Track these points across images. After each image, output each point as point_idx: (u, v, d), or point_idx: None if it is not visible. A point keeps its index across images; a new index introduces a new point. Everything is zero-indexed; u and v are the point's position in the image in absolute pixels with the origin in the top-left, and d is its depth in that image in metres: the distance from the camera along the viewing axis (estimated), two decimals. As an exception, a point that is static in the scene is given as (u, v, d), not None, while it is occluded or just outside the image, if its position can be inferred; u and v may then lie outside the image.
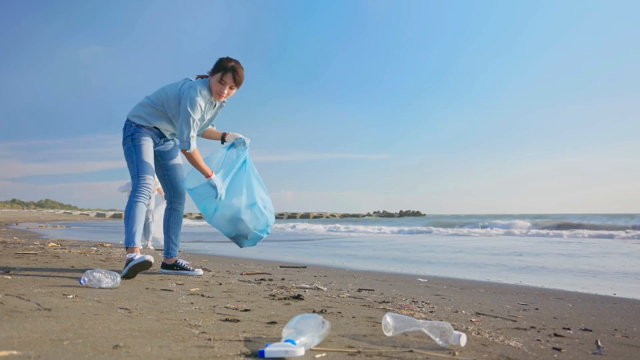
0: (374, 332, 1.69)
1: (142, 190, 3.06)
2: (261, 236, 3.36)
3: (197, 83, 3.10)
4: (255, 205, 3.30)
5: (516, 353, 1.52)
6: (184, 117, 3.05)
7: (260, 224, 3.35)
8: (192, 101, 3.03)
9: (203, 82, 3.12)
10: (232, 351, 1.33)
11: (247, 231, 3.29)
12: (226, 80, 3.06)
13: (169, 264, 3.35)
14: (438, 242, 11.72)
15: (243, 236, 3.32)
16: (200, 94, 3.06)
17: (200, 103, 3.06)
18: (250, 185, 3.34)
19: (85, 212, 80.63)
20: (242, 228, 3.28)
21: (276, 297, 2.46)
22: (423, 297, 2.84)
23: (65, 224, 25.84)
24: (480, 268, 5.60)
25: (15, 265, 3.38)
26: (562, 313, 2.51)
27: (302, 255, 7.05)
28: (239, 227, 3.28)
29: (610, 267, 5.83)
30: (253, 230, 3.30)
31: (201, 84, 3.10)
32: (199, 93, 3.05)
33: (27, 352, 1.19)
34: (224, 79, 3.06)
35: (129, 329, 1.52)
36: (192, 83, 3.11)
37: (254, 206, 3.29)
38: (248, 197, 3.30)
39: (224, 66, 3.06)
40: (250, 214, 3.28)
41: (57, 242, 7.14)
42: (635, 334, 2.03)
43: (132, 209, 3.02)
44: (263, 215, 3.33)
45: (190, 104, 3.03)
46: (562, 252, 8.16)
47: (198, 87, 3.06)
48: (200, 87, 3.08)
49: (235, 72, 3.07)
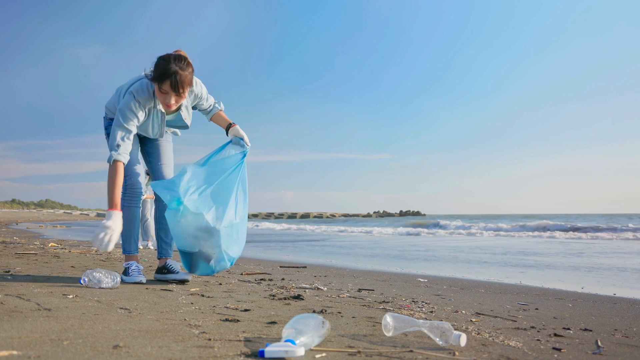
0: (374, 332, 1.69)
1: (132, 193, 2.83)
2: (225, 263, 2.74)
3: (137, 86, 2.66)
4: (234, 225, 2.72)
5: (516, 353, 1.52)
6: (114, 123, 2.64)
7: (232, 249, 2.74)
8: (122, 111, 2.62)
9: (142, 85, 2.66)
10: (232, 351, 1.33)
11: (214, 251, 2.67)
12: (167, 90, 2.57)
13: (159, 266, 2.97)
14: (419, 242, 11.73)
15: (203, 257, 2.69)
16: (134, 100, 2.63)
17: (134, 113, 2.63)
18: (239, 199, 2.80)
19: (85, 212, 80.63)
20: (209, 246, 2.66)
21: (276, 297, 2.46)
22: (423, 297, 2.84)
23: (65, 224, 25.84)
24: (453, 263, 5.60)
25: (15, 265, 3.38)
26: (562, 313, 2.51)
27: (289, 255, 7.05)
28: (206, 244, 2.66)
29: (603, 266, 5.83)
30: (222, 251, 2.68)
31: (140, 87, 2.65)
32: (131, 101, 2.62)
33: (27, 352, 1.19)
34: (164, 88, 2.56)
35: (129, 329, 1.52)
36: (132, 85, 2.69)
37: (233, 226, 2.71)
38: (233, 210, 2.74)
39: (161, 74, 2.54)
40: (228, 231, 2.68)
41: (57, 242, 7.14)
42: (635, 334, 2.03)
43: (124, 215, 2.73)
44: (238, 240, 2.77)
45: (121, 113, 2.62)
46: (525, 250, 8.16)
47: (134, 93, 2.63)
48: (137, 92, 2.64)
49: (176, 79, 2.54)
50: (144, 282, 2.76)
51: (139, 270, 2.81)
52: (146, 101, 2.67)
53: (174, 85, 2.54)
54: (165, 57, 2.57)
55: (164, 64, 2.54)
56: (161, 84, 2.55)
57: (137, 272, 2.79)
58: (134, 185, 2.84)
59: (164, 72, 2.53)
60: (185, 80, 2.58)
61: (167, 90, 2.56)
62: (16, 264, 3.48)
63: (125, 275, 2.79)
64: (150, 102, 2.69)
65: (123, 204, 2.82)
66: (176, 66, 2.54)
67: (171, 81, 2.53)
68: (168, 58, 2.56)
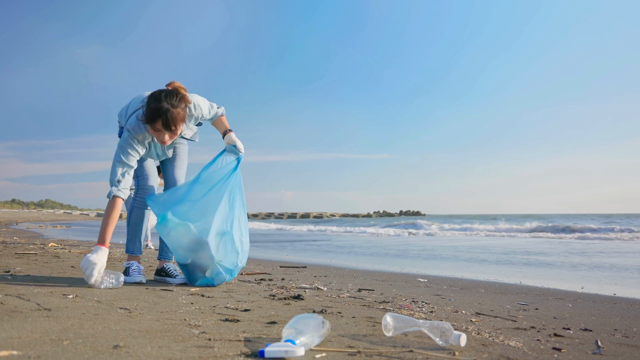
0: (374, 332, 1.69)
1: (144, 194, 2.86)
2: (223, 276, 2.68)
3: (133, 123, 2.62)
4: (227, 235, 2.67)
5: (516, 353, 1.52)
6: (115, 158, 2.62)
7: (228, 260, 2.68)
8: (122, 148, 2.61)
9: (136, 127, 2.64)
10: (232, 351, 1.33)
11: (208, 262, 2.63)
12: (160, 128, 2.54)
13: (158, 268, 2.97)
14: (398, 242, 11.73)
15: (199, 268, 2.66)
16: (131, 138, 2.62)
17: (134, 148, 2.63)
18: (230, 207, 2.74)
19: (85, 212, 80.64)
20: (202, 257, 2.62)
21: (276, 297, 2.46)
22: (423, 297, 2.84)
23: (65, 224, 25.84)
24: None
25: (15, 265, 3.38)
26: (562, 313, 2.51)
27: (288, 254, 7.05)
28: (199, 255, 2.62)
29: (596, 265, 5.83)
30: (216, 264, 2.64)
31: (136, 125, 2.62)
32: (129, 138, 2.62)
33: (27, 352, 1.19)
34: (156, 126, 2.53)
35: (129, 329, 1.52)
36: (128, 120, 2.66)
37: (225, 235, 2.66)
38: (223, 220, 2.69)
39: (152, 114, 2.50)
40: (220, 242, 2.65)
41: (57, 242, 7.14)
42: (635, 334, 2.03)
43: (133, 215, 2.90)
44: (234, 250, 2.70)
45: (121, 149, 2.61)
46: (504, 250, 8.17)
47: (130, 131, 2.62)
48: (134, 130, 2.62)
49: (167, 117, 2.50)
50: (144, 282, 2.76)
51: (140, 271, 2.81)
52: (144, 138, 2.67)
53: (165, 124, 2.51)
54: (156, 96, 2.53)
55: (155, 103, 2.51)
56: (153, 124, 2.53)
57: (137, 272, 2.79)
58: (145, 186, 2.86)
59: (156, 112, 2.50)
60: (178, 117, 2.54)
61: (160, 129, 2.54)
62: (16, 264, 3.48)
63: (125, 274, 2.79)
64: (148, 138, 2.68)
65: (133, 204, 2.90)
66: (167, 104, 2.51)
67: (163, 120, 2.50)
68: (159, 96, 2.52)
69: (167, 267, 2.91)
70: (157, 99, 2.52)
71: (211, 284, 2.70)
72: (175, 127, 2.55)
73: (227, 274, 2.70)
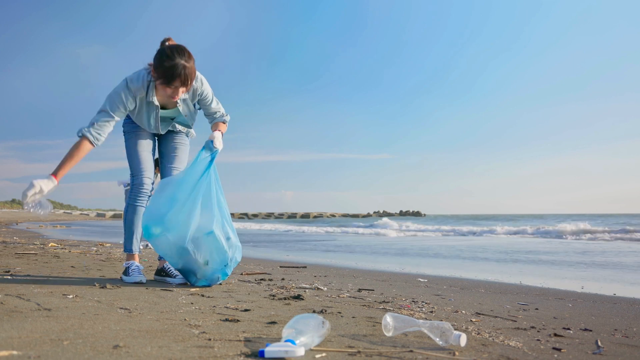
0: (374, 332, 1.69)
1: (138, 192, 2.82)
2: (216, 277, 2.66)
3: (133, 74, 2.65)
4: (210, 234, 2.58)
5: (516, 353, 1.52)
6: (100, 107, 2.62)
7: (216, 260, 2.62)
8: (110, 98, 2.61)
9: (138, 75, 2.65)
10: (232, 351, 1.33)
11: (194, 266, 2.62)
12: (177, 85, 2.55)
13: (158, 268, 2.95)
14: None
15: (191, 272, 2.65)
16: (125, 88, 2.62)
17: (122, 100, 2.61)
18: (209, 205, 2.63)
19: (85, 212, 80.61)
20: (189, 262, 2.61)
21: (276, 297, 2.46)
22: (423, 297, 2.84)
23: (65, 224, 25.83)
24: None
25: (15, 265, 3.38)
26: (562, 313, 2.51)
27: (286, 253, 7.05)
28: (185, 260, 2.62)
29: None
30: (203, 268, 2.61)
31: (135, 76, 2.64)
32: (122, 89, 2.62)
33: (27, 352, 1.19)
34: (174, 84, 2.54)
35: (129, 329, 1.52)
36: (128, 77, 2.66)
37: (209, 235, 2.58)
38: (205, 220, 2.60)
39: (169, 72, 2.50)
40: (202, 243, 2.58)
41: (57, 242, 7.14)
42: (635, 334, 2.03)
43: (128, 213, 2.85)
44: (220, 249, 2.60)
45: (109, 99, 2.61)
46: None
47: (127, 80, 2.63)
48: (131, 80, 2.63)
49: (185, 74, 2.52)
50: (144, 282, 2.75)
51: (139, 270, 2.81)
52: (137, 90, 2.64)
53: (184, 81, 2.53)
54: (167, 54, 2.51)
55: (169, 61, 2.50)
56: (171, 83, 2.52)
57: (137, 272, 2.79)
58: (141, 184, 2.83)
59: (174, 69, 2.49)
60: (192, 72, 2.57)
61: (177, 85, 2.54)
62: (16, 264, 3.48)
63: (125, 275, 2.79)
64: (141, 92, 2.65)
65: (128, 202, 2.87)
66: (182, 60, 2.51)
67: (181, 78, 2.52)
68: (171, 54, 2.51)
69: (167, 267, 2.90)
70: (169, 57, 2.51)
71: (207, 285, 2.69)
72: (191, 82, 2.58)
73: (219, 274, 2.66)
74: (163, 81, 2.53)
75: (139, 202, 2.84)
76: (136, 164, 2.83)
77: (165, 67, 2.50)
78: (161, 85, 2.56)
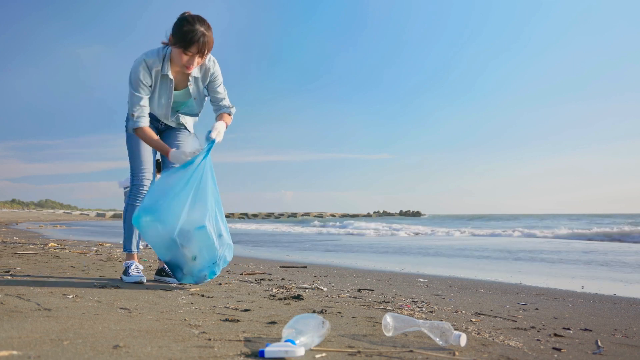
0: (374, 332, 1.69)
1: (138, 192, 2.79)
2: (203, 274, 2.54)
3: (149, 50, 2.65)
4: (201, 229, 2.43)
5: (516, 353, 1.52)
6: (129, 93, 2.66)
7: (205, 257, 2.49)
8: (131, 80, 2.63)
9: (154, 50, 2.65)
10: (232, 351, 1.33)
11: (183, 261, 2.50)
12: (194, 52, 2.51)
13: (159, 268, 2.93)
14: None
15: (178, 266, 2.54)
16: (142, 64, 2.61)
17: (139, 77, 2.61)
18: (202, 198, 2.50)
19: (85, 212, 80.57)
20: (177, 256, 2.49)
21: (276, 297, 2.46)
22: (423, 297, 2.84)
23: (65, 224, 25.83)
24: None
25: (15, 265, 3.38)
26: (562, 313, 2.51)
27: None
28: (173, 254, 2.49)
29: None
30: (190, 264, 2.49)
31: (151, 50, 2.65)
32: (139, 64, 2.61)
33: (27, 352, 1.19)
34: (191, 50, 2.50)
35: (129, 329, 1.52)
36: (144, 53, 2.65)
37: (200, 230, 2.43)
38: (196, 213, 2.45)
39: (188, 37, 2.47)
40: (192, 237, 2.44)
41: (57, 242, 7.14)
42: (635, 334, 2.03)
43: (128, 213, 2.79)
44: (211, 245, 2.47)
45: (130, 78, 2.64)
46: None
47: (144, 55, 2.63)
48: (147, 54, 2.63)
49: (204, 41, 2.49)
50: (144, 281, 2.75)
51: (139, 270, 2.81)
52: (154, 63, 2.63)
53: (201, 48, 2.50)
54: (188, 19, 2.49)
55: (188, 25, 2.47)
56: (188, 48, 2.49)
57: (137, 272, 2.78)
58: (141, 184, 2.81)
59: (192, 34, 2.46)
60: (211, 42, 2.55)
61: (194, 52, 2.51)
62: (16, 264, 3.48)
63: (125, 275, 2.79)
64: (157, 65, 2.63)
65: (127, 201, 2.84)
66: (202, 27, 2.49)
67: (199, 45, 2.49)
68: (192, 20, 2.49)
69: (168, 268, 2.87)
70: (189, 22, 2.48)
71: (194, 282, 2.60)
72: (208, 51, 2.56)
73: (206, 272, 2.54)
74: (180, 45, 2.49)
75: (139, 202, 2.79)
76: (137, 163, 2.80)
77: (184, 32, 2.47)
78: (177, 51, 2.52)
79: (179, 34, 2.48)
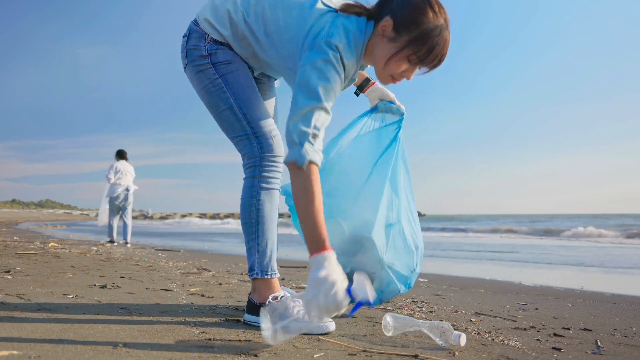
0: (374, 332, 1.69)
1: (273, 163, 1.68)
2: (397, 287, 1.86)
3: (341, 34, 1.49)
4: (394, 227, 1.88)
5: (516, 353, 1.52)
6: (301, 93, 1.49)
7: (401, 263, 1.87)
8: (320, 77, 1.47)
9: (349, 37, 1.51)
10: (232, 351, 1.33)
11: (374, 269, 1.81)
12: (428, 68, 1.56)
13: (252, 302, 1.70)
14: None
15: None
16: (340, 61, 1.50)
17: (337, 82, 1.51)
18: (394, 189, 1.92)
19: (85, 212, 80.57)
20: (364, 262, 1.80)
21: (276, 297, 2.46)
22: (423, 297, 2.84)
23: (66, 224, 25.82)
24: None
25: (15, 265, 3.38)
26: (562, 313, 2.51)
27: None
28: (359, 259, 1.81)
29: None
30: (386, 269, 1.82)
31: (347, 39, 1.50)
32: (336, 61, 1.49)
33: (27, 352, 1.19)
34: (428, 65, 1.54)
35: (129, 329, 1.52)
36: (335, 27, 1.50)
37: (392, 228, 1.87)
38: (388, 208, 1.88)
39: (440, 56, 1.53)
40: (389, 237, 1.85)
41: (57, 242, 7.14)
42: (635, 334, 2.03)
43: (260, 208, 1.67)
44: (407, 249, 1.89)
45: (321, 85, 1.47)
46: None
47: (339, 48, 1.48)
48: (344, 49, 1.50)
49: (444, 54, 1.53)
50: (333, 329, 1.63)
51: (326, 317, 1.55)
52: (351, 66, 1.56)
53: (437, 65, 1.56)
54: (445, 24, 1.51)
55: (440, 35, 1.49)
56: (434, 67, 1.55)
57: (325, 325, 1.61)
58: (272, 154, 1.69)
59: (444, 50, 1.53)
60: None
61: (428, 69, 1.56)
62: (16, 264, 3.48)
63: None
64: (353, 67, 1.58)
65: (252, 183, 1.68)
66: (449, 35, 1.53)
67: (441, 62, 1.55)
68: (447, 25, 1.52)
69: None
70: (441, 28, 1.49)
71: (377, 302, 1.89)
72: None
73: (402, 284, 1.88)
74: (424, 65, 1.54)
75: (274, 182, 1.70)
76: (261, 115, 1.69)
77: (435, 42, 1.49)
78: (403, 54, 1.51)
79: (429, 49, 1.50)
